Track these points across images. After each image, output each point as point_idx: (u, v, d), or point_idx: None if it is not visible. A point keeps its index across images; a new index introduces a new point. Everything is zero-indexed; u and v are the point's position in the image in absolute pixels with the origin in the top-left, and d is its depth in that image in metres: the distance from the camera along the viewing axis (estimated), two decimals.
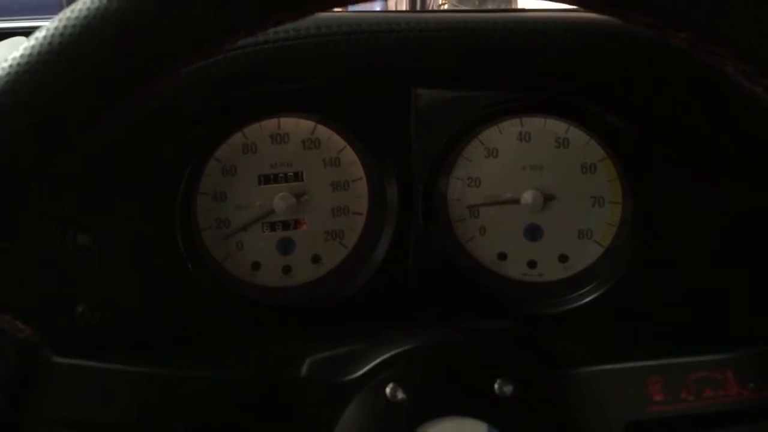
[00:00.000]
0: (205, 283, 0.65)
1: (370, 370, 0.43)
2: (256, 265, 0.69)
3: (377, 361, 0.43)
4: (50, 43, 0.31)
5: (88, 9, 0.31)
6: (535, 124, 0.68)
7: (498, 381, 0.42)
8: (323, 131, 0.68)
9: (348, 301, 0.69)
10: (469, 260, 0.71)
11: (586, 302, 0.67)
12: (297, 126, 0.67)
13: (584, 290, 0.68)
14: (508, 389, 0.42)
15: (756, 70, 0.35)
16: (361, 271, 0.69)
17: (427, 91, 0.65)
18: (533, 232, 0.70)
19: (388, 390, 0.42)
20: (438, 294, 0.69)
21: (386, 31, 0.57)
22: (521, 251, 0.70)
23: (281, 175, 0.68)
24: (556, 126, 0.68)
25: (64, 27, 0.31)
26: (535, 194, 0.68)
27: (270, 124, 0.67)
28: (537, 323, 0.67)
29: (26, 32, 0.35)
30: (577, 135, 0.67)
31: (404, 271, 0.68)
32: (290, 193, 0.68)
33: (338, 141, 0.68)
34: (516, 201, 0.69)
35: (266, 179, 0.68)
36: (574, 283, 0.69)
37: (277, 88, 0.60)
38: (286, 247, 0.69)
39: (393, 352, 0.44)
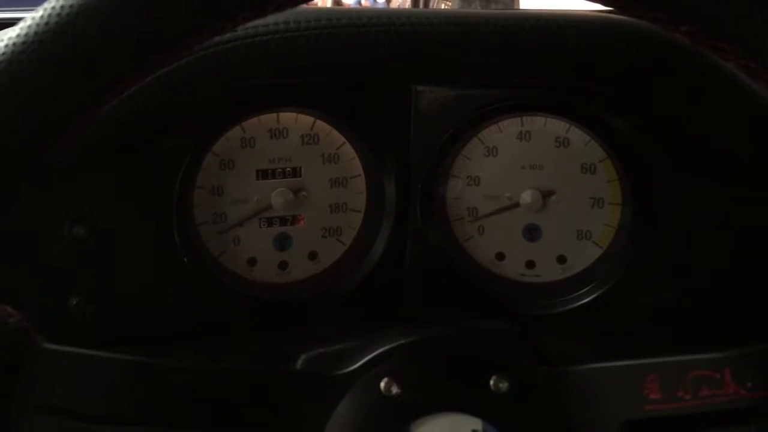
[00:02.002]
0: (201, 278, 0.65)
1: (364, 364, 0.42)
2: (252, 261, 0.69)
3: (372, 355, 0.43)
4: (47, 23, 0.31)
5: None
6: (536, 123, 0.68)
7: (494, 377, 0.42)
8: (322, 127, 0.68)
9: (344, 298, 0.68)
10: (467, 259, 0.71)
11: (584, 303, 0.66)
12: (296, 121, 0.67)
13: (582, 292, 0.67)
14: (504, 386, 0.42)
15: (758, 66, 0.34)
16: (358, 269, 0.69)
17: (428, 89, 0.65)
18: (532, 233, 0.69)
19: (382, 384, 0.42)
20: (435, 293, 0.68)
21: (386, 25, 0.56)
22: (519, 251, 0.70)
23: (279, 170, 0.67)
24: (556, 125, 0.67)
25: (62, 6, 0.31)
26: (534, 194, 0.68)
27: (269, 119, 0.66)
28: (534, 323, 0.66)
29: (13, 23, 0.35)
30: (577, 135, 0.67)
31: (401, 270, 0.68)
32: (288, 189, 0.67)
33: (337, 137, 0.68)
34: (516, 205, 0.68)
35: (264, 174, 0.67)
36: (572, 284, 0.69)
37: (276, 82, 0.60)
38: (283, 243, 0.69)
39: (388, 347, 0.43)
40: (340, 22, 0.55)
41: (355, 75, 0.61)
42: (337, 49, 0.56)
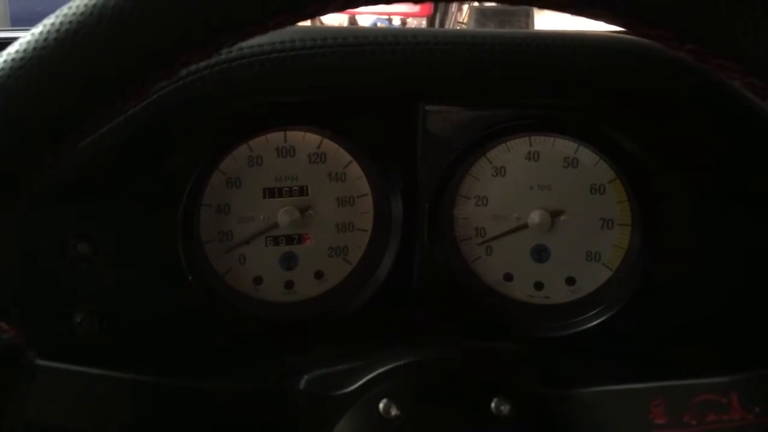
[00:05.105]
0: (206, 296, 0.64)
1: (363, 385, 0.42)
2: (258, 280, 0.68)
3: (371, 375, 0.42)
4: (45, 39, 0.31)
5: (86, 6, 0.31)
6: (544, 143, 0.67)
7: (495, 400, 0.41)
8: (329, 145, 0.68)
9: (350, 318, 0.67)
10: (475, 280, 0.70)
11: (592, 326, 0.65)
12: (303, 140, 0.67)
13: (591, 314, 0.66)
14: (506, 408, 0.41)
15: (764, 84, 0.34)
16: (365, 289, 0.68)
17: (436, 108, 0.65)
18: (540, 253, 0.69)
19: (381, 406, 0.41)
20: (442, 314, 0.68)
21: (392, 44, 0.56)
22: (528, 272, 0.69)
23: (286, 188, 0.67)
24: (565, 145, 0.67)
25: (61, 23, 0.31)
26: (543, 214, 0.67)
27: (276, 137, 0.66)
28: (541, 346, 0.65)
29: None
30: (586, 155, 0.66)
31: (408, 290, 0.67)
32: (295, 207, 0.67)
33: (344, 156, 0.68)
34: (524, 226, 0.68)
35: (271, 193, 0.67)
36: (580, 306, 0.67)
37: (282, 100, 0.60)
38: (289, 261, 0.69)
39: (387, 367, 0.43)
40: (346, 41, 0.55)
41: (361, 94, 0.61)
42: (343, 68, 0.56)
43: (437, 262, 0.67)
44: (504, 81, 0.60)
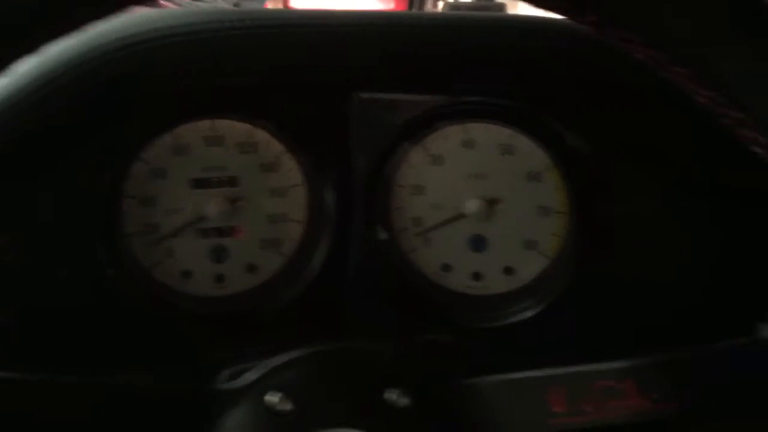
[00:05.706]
0: (130, 291, 0.62)
1: (253, 378, 0.40)
2: (187, 273, 0.66)
3: (262, 368, 0.40)
4: None
5: None
6: (480, 130, 0.65)
7: (391, 391, 0.39)
8: (260, 134, 0.65)
9: (284, 311, 0.65)
10: (412, 271, 0.68)
11: (529, 316, 0.64)
12: (232, 128, 0.65)
13: (528, 303, 0.65)
14: (402, 400, 0.39)
15: (665, 57, 0.33)
16: (298, 281, 0.66)
17: (368, 95, 0.63)
18: (477, 243, 0.67)
19: (272, 399, 0.39)
20: (378, 306, 0.66)
21: (318, 26, 0.54)
22: (466, 263, 0.68)
23: (215, 179, 0.65)
24: (500, 132, 0.65)
25: None
26: (479, 203, 0.65)
27: (203, 125, 0.64)
28: (477, 336, 0.64)
29: None
30: (522, 142, 0.65)
31: (343, 282, 0.66)
32: (224, 198, 0.65)
33: (276, 145, 0.66)
34: (461, 215, 0.66)
35: (199, 183, 0.65)
36: (518, 296, 0.66)
37: (200, 86, 0.57)
38: (219, 255, 0.66)
39: (280, 360, 0.41)
40: (263, 21, 0.53)
41: (286, 79, 0.59)
42: (262, 51, 0.54)
43: (373, 254, 0.66)
44: (436, 65, 0.58)
